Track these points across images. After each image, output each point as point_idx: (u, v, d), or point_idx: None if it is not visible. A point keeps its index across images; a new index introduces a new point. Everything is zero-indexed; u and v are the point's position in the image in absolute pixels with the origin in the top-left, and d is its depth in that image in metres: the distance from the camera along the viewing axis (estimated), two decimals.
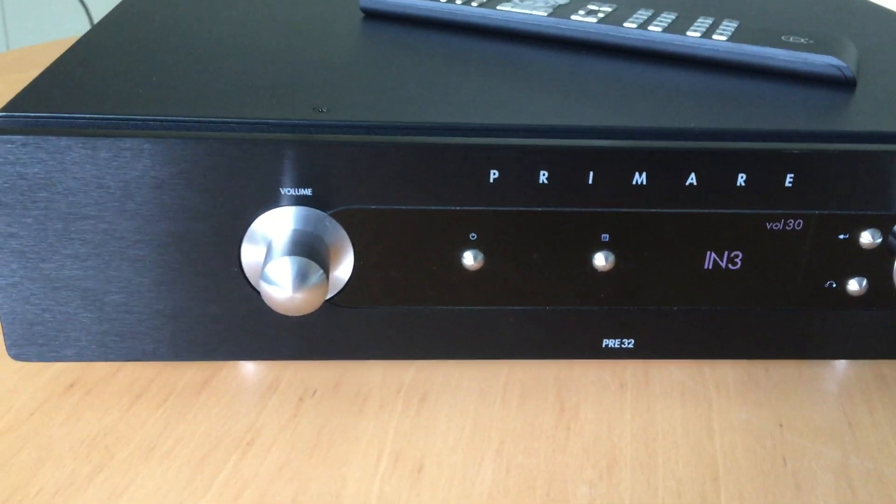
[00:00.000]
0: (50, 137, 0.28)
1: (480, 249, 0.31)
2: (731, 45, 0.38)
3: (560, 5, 0.43)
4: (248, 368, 0.35)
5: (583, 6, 0.43)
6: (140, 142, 0.28)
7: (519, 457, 0.32)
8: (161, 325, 0.31)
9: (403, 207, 0.30)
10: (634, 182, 0.30)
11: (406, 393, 0.34)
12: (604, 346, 0.33)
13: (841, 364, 0.37)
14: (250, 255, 0.30)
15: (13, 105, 0.29)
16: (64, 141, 0.28)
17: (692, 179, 0.30)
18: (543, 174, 0.30)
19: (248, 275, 0.31)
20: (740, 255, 0.32)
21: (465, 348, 0.33)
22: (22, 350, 0.31)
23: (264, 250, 0.30)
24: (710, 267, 0.32)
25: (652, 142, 0.30)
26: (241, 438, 0.32)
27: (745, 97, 0.34)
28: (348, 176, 0.29)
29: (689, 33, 0.39)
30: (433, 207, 0.30)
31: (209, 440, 0.32)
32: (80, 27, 1.57)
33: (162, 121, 0.29)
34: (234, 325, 0.32)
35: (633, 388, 0.35)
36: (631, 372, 0.36)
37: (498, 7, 0.42)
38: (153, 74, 0.33)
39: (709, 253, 0.32)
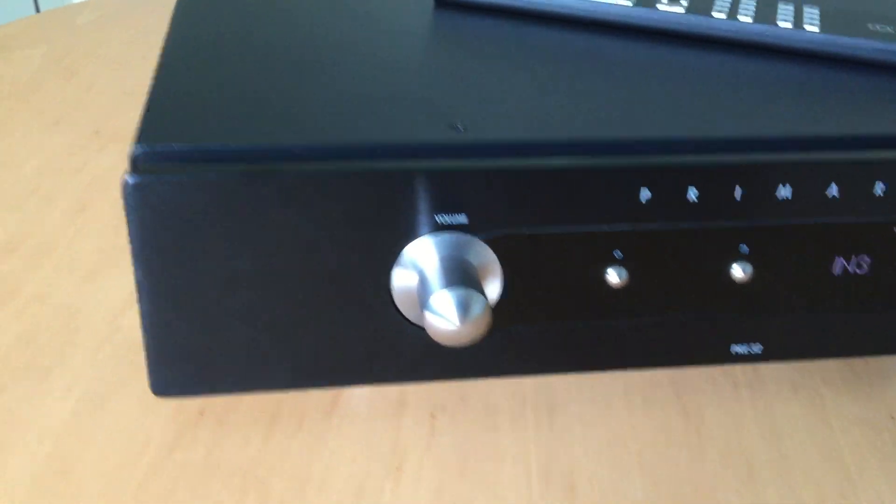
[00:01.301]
0: (209, 173, 0.27)
1: (625, 267, 0.31)
2: (824, 37, 0.38)
3: None
4: (368, 388, 0.35)
5: None
6: (301, 174, 0.27)
7: (662, 467, 0.32)
8: (311, 352, 0.31)
9: (554, 231, 0.30)
10: (779, 195, 0.30)
11: (533, 405, 0.35)
12: (733, 352, 0.34)
13: None
14: (400, 280, 0.30)
15: (151, 135, 0.28)
16: (223, 176, 0.27)
17: (833, 191, 0.31)
18: (693, 191, 0.30)
19: (396, 300, 0.30)
20: (867, 260, 0.33)
21: (602, 360, 0.33)
22: (168, 387, 0.30)
23: (415, 276, 0.30)
24: (839, 273, 0.33)
25: (798, 154, 0.30)
26: (388, 463, 0.32)
27: (852, 94, 0.34)
28: (503, 200, 0.29)
29: (779, 23, 0.39)
30: (582, 229, 0.30)
31: (358, 467, 0.31)
32: (27, 9, 1.48)
33: (314, 149, 0.28)
34: (382, 349, 0.31)
35: (746, 387, 0.36)
36: (741, 370, 0.37)
37: None
38: (266, 95, 0.32)
39: (838, 258, 0.32)
